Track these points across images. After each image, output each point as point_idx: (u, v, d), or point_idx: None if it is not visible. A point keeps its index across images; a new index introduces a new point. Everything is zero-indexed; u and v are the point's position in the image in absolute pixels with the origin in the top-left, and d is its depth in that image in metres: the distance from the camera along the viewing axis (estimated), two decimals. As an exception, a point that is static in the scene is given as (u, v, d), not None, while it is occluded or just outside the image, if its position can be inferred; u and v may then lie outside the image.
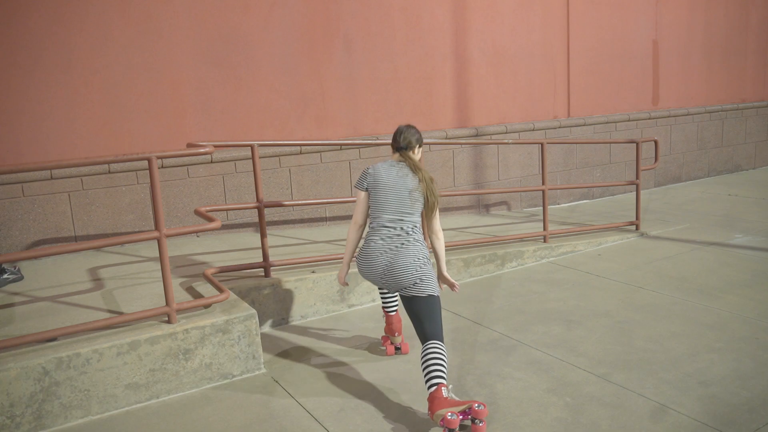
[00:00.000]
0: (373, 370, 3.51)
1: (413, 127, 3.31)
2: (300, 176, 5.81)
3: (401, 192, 3.13)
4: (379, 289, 3.68)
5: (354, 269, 4.44)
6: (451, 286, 3.26)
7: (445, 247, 5.21)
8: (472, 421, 2.78)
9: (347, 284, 3.48)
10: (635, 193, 6.18)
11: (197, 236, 5.43)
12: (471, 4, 6.63)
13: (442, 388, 2.76)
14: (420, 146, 3.31)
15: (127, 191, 5.12)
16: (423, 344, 2.96)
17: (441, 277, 3.32)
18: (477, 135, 6.73)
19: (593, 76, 7.78)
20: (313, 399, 3.21)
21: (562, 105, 7.55)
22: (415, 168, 3.18)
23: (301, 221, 5.88)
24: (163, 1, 5.09)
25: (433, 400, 2.74)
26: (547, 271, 5.15)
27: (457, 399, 2.80)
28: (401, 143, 3.25)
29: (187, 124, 5.31)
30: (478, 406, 2.75)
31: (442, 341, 2.96)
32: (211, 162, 5.40)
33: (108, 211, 5.07)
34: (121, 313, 3.50)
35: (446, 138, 6.48)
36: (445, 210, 6.68)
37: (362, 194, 3.24)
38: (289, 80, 5.70)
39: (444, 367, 2.83)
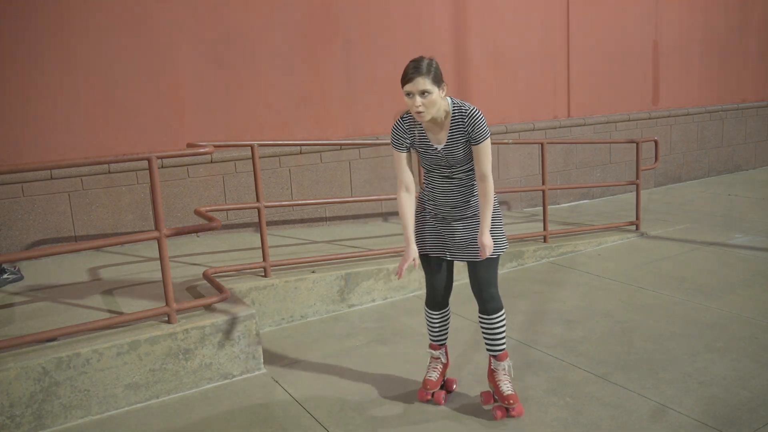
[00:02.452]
0: (374, 369, 3.51)
1: None
2: (300, 176, 5.81)
3: None
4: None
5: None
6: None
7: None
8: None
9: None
10: (635, 193, 6.18)
11: (197, 236, 5.43)
12: (471, 4, 6.63)
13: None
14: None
15: (127, 191, 5.12)
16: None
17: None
18: (477, 135, 6.72)
19: (593, 76, 7.78)
20: (313, 399, 3.21)
21: (562, 105, 7.55)
22: None
23: (301, 221, 5.88)
24: (163, 1, 5.09)
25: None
26: (547, 271, 5.15)
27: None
28: None
29: (187, 124, 5.31)
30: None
31: None
32: (211, 162, 5.40)
33: (108, 211, 5.07)
34: (121, 313, 3.50)
35: (446, 138, 6.47)
36: (445, 210, 6.67)
37: None
38: (289, 80, 5.70)
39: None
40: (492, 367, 3.00)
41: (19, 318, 3.51)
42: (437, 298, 3.08)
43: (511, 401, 2.90)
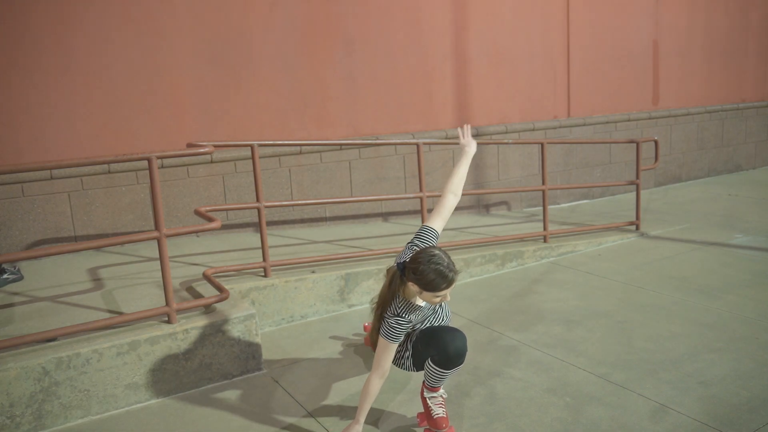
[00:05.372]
0: (373, 370, 3.51)
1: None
2: (300, 176, 5.81)
3: None
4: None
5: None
6: None
7: (446, 246, 5.20)
8: None
9: None
10: (635, 193, 6.18)
11: (197, 236, 5.43)
12: (471, 4, 6.63)
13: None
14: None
15: (127, 191, 5.12)
16: None
17: None
18: (477, 135, 6.73)
19: (593, 76, 7.78)
20: (313, 399, 3.21)
21: (562, 105, 7.55)
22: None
23: (301, 221, 5.88)
24: (163, 1, 5.09)
25: None
26: (547, 271, 5.15)
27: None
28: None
29: (187, 124, 5.31)
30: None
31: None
32: (211, 162, 5.40)
33: (108, 211, 5.07)
34: (121, 313, 3.50)
35: (446, 138, 6.48)
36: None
37: None
38: (289, 80, 5.70)
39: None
40: (425, 395, 2.90)
41: (19, 318, 3.51)
42: (462, 354, 2.77)
43: (444, 425, 2.81)
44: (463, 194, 5.93)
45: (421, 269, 2.55)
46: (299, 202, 4.68)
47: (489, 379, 3.33)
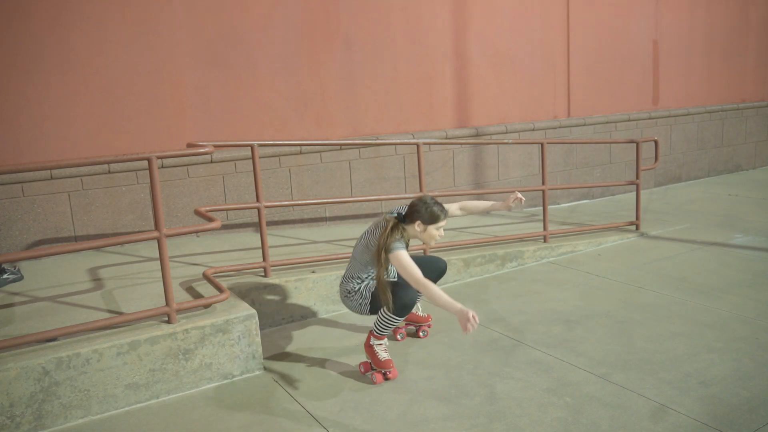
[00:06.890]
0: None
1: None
2: (300, 176, 5.81)
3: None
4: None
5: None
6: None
7: (446, 246, 5.21)
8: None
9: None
10: (635, 193, 6.18)
11: (197, 236, 5.43)
12: (471, 4, 6.63)
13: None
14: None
15: (127, 191, 5.12)
16: None
17: None
18: (477, 135, 6.73)
19: (593, 76, 7.78)
20: (313, 399, 3.21)
21: (562, 105, 7.55)
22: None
23: (301, 221, 5.88)
24: (163, 1, 5.09)
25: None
26: (547, 271, 5.15)
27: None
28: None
29: (187, 124, 5.31)
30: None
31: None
32: (211, 162, 5.40)
33: (108, 211, 5.07)
34: (121, 313, 3.50)
35: (446, 138, 6.48)
36: (445, 210, 6.66)
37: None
38: (289, 80, 5.70)
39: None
40: (372, 342, 3.41)
41: (19, 318, 3.52)
42: (411, 306, 3.35)
43: (390, 365, 3.37)
44: (463, 194, 5.94)
45: (423, 209, 3.32)
46: (299, 202, 4.68)
47: (489, 379, 3.33)
